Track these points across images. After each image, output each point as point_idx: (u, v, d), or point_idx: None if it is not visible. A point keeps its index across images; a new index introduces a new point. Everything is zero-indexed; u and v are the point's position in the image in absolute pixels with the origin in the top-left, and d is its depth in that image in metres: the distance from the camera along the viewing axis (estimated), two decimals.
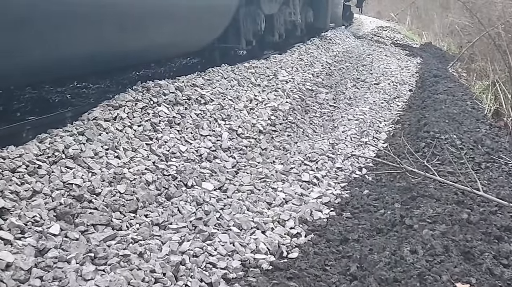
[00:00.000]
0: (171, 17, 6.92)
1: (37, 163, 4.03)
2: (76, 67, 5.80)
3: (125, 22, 5.85)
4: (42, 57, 4.93)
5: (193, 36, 8.04)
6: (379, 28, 25.19)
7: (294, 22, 12.65)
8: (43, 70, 5.26)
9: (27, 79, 5.49)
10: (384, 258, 3.61)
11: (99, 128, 4.96)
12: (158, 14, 6.51)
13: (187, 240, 3.89)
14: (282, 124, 7.37)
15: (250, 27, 9.99)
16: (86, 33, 5.32)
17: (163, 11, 6.64)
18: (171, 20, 6.98)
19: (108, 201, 4.08)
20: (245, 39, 9.87)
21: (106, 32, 5.64)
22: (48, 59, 5.07)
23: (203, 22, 8.05)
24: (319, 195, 5.24)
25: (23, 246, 3.20)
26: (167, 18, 6.77)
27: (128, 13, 5.87)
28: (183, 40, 7.82)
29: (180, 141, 5.52)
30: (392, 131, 8.03)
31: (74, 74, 6.70)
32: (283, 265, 3.82)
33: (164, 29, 6.84)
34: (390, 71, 13.52)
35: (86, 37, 5.34)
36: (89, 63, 5.85)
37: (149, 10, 6.29)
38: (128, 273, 3.29)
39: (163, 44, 7.16)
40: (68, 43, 5.14)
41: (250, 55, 10.49)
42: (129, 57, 6.66)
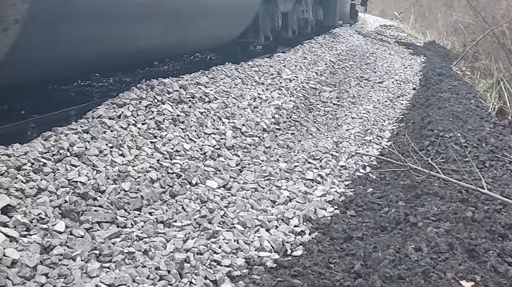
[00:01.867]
0: (209, 15, 8.03)
1: (42, 161, 4.04)
2: (142, 56, 7.27)
3: (177, 19, 7.05)
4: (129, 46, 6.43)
5: (224, 31, 9.04)
6: (383, 27, 25.16)
7: (306, 20, 13.46)
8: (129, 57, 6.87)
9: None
10: (388, 255, 3.61)
11: (104, 126, 4.97)
12: (200, 13, 7.68)
13: (191, 237, 3.90)
14: (286, 122, 7.37)
15: (269, 23, 10.84)
16: (151, 29, 6.53)
17: (204, 11, 7.80)
18: (208, 18, 8.06)
19: (112, 198, 4.09)
20: (264, 35, 10.67)
21: (165, 28, 6.86)
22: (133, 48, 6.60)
23: (232, 19, 9.02)
24: (323, 193, 5.25)
25: (29, 243, 3.21)
26: (205, 16, 7.92)
27: (179, 12, 7.05)
28: (215, 35, 8.87)
29: (184, 139, 5.53)
30: (396, 129, 8.03)
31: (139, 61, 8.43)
32: (287, 263, 3.83)
33: (202, 25, 7.94)
34: (394, 69, 13.52)
35: (150, 32, 6.51)
36: (151, 53, 7.42)
37: (194, 10, 7.52)
38: (133, 271, 3.30)
39: (201, 37, 8.35)
40: (138, 36, 6.37)
41: (266, 50, 11.37)
42: (177, 49, 8.29)
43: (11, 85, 5.68)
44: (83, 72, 7.69)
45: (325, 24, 15.73)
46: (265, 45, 11.21)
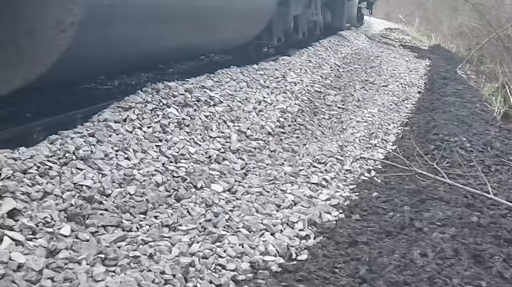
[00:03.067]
0: (231, 18, 8.65)
1: (48, 165, 4.05)
2: (175, 54, 8.24)
3: (205, 22, 7.64)
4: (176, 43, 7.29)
5: (243, 32, 9.61)
6: (388, 30, 25.18)
7: (315, 22, 14.05)
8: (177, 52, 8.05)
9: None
10: (393, 261, 3.61)
11: (109, 129, 4.98)
12: (224, 16, 8.30)
13: (196, 241, 3.90)
14: (291, 126, 7.37)
15: (281, 26, 11.36)
16: (184, 30, 7.21)
17: (228, 14, 8.43)
18: (231, 20, 8.70)
19: (118, 202, 4.10)
20: (276, 36, 11.24)
21: (195, 29, 7.48)
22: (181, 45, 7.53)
23: (250, 22, 9.57)
24: (328, 197, 5.24)
25: (35, 247, 3.22)
26: (228, 19, 8.55)
27: (207, 16, 7.62)
28: (236, 36, 9.45)
29: (189, 142, 5.53)
30: (401, 133, 8.02)
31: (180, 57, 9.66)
32: (292, 267, 3.83)
33: (227, 26, 8.61)
34: (399, 73, 13.51)
35: (182, 32, 7.21)
36: (183, 52, 8.24)
37: (221, 13, 8.13)
38: (138, 275, 3.30)
39: (224, 38, 8.96)
40: (173, 36, 7.03)
41: (277, 52, 11.82)
42: (204, 48, 9.25)
43: (68, 80, 6.84)
44: (127, 69, 8.50)
45: (333, 26, 16.21)
46: (276, 46, 11.70)
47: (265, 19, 10.12)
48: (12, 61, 4.79)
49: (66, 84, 6.69)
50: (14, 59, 4.78)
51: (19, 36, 4.76)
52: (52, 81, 5.79)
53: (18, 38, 4.76)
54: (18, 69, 4.83)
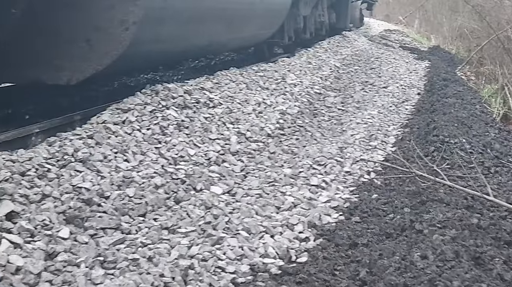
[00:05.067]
0: (253, 18, 9.55)
1: (46, 167, 4.04)
2: (206, 50, 9.19)
3: (232, 21, 8.60)
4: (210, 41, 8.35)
5: (262, 31, 10.49)
6: (387, 31, 25.17)
7: (322, 23, 14.84)
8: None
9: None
10: (394, 263, 3.59)
11: (108, 131, 4.97)
12: (247, 17, 9.24)
13: (196, 244, 3.89)
14: (291, 127, 7.36)
15: (292, 25, 12.25)
16: (214, 29, 8.12)
17: (250, 15, 9.34)
18: (252, 20, 9.59)
19: (117, 204, 4.09)
20: (288, 36, 12.08)
21: (223, 28, 8.45)
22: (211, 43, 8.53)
23: (268, 21, 10.48)
24: (327, 199, 5.21)
25: (33, 250, 3.21)
26: (250, 19, 9.46)
27: (233, 16, 8.60)
28: (256, 35, 10.37)
29: (188, 144, 5.52)
30: (400, 135, 7.99)
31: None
32: (292, 269, 3.81)
33: (249, 26, 9.53)
34: (399, 74, 13.49)
35: (213, 31, 8.13)
36: (212, 48, 9.22)
37: (245, 14, 9.09)
38: (137, 277, 3.29)
39: (246, 36, 9.93)
40: (205, 34, 7.96)
41: (286, 50, 12.57)
42: (230, 46, 10.15)
43: (130, 70, 8.61)
44: (171, 62, 10.17)
45: (337, 26, 16.91)
46: (287, 45, 12.39)
47: (281, 19, 11.06)
48: (84, 54, 5.69)
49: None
50: (86, 52, 5.69)
51: (90, 33, 5.67)
52: (115, 71, 7.20)
53: (89, 35, 5.67)
54: (88, 60, 5.72)
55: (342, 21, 17.19)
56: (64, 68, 5.76)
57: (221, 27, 8.33)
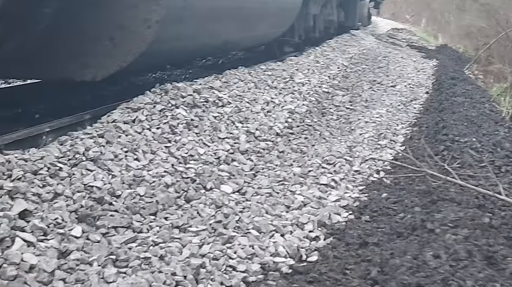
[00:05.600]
0: (266, 17, 9.87)
1: (58, 166, 4.05)
2: (222, 47, 9.46)
3: (246, 20, 8.96)
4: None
5: (275, 30, 10.77)
6: (394, 30, 25.12)
7: (331, 21, 15.05)
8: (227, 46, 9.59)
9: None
10: (406, 262, 3.58)
11: (118, 130, 4.98)
12: (261, 16, 9.56)
13: (207, 243, 3.89)
14: (299, 126, 7.36)
15: (302, 24, 12.50)
16: (230, 27, 8.51)
17: (264, 14, 9.67)
18: (266, 19, 9.90)
19: (128, 203, 4.09)
20: (298, 34, 12.34)
21: (238, 27, 8.81)
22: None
23: (280, 20, 10.80)
24: (337, 198, 5.21)
25: (46, 248, 3.22)
26: (264, 18, 9.77)
27: (248, 15, 8.94)
28: (269, 33, 10.64)
29: (198, 143, 5.53)
30: (409, 133, 7.98)
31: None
32: (302, 268, 3.81)
33: (262, 25, 9.82)
34: (407, 73, 13.47)
35: (229, 29, 8.50)
36: (228, 46, 9.56)
37: (259, 13, 9.42)
38: (150, 276, 3.29)
39: (260, 35, 10.24)
40: (223, 32, 8.34)
41: (297, 49, 12.67)
42: (244, 43, 10.49)
43: (151, 67, 9.23)
44: (190, 59, 10.70)
45: (346, 25, 17.08)
46: (296, 43, 12.57)
47: (292, 18, 11.32)
48: (108, 51, 5.91)
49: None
50: (109, 50, 5.91)
51: (114, 31, 5.89)
52: (137, 68, 7.53)
53: (113, 33, 5.89)
54: (112, 57, 5.94)
55: (351, 20, 17.35)
56: (89, 65, 5.97)
57: (236, 26, 8.67)
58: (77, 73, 6.01)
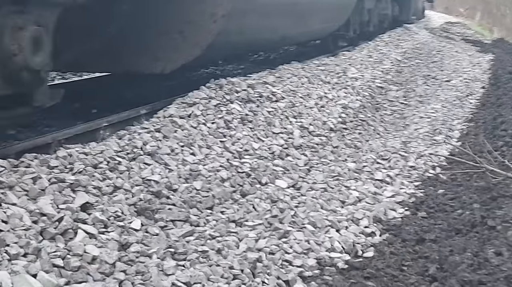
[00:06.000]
0: (322, 12, 10.09)
1: (117, 159, 4.12)
2: (280, 42, 10.07)
3: (303, 15, 9.13)
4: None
5: (330, 24, 10.97)
6: (448, 24, 24.66)
7: (385, 15, 15.02)
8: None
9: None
10: (466, 259, 3.52)
11: (175, 125, 5.03)
12: (317, 11, 9.73)
13: (263, 237, 3.90)
14: (353, 122, 7.31)
15: (357, 19, 12.60)
16: (288, 22, 8.74)
17: (320, 9, 9.85)
18: (322, 14, 10.11)
19: (185, 197, 4.14)
20: (353, 29, 12.47)
21: (295, 22, 9.01)
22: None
23: (336, 15, 10.99)
24: (392, 194, 5.18)
25: (107, 240, 3.28)
26: (320, 13, 9.96)
27: (304, 10, 9.06)
28: (325, 28, 10.83)
29: (252, 138, 5.55)
30: (466, 129, 7.83)
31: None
32: (359, 264, 3.79)
33: (318, 20, 9.98)
34: (462, 67, 13.22)
35: (287, 24, 8.75)
36: (285, 40, 10.11)
37: (315, 8, 9.58)
38: (208, 269, 3.32)
39: (316, 29, 10.40)
40: (281, 27, 8.59)
41: (350, 43, 12.64)
42: (301, 38, 10.91)
43: (217, 58, 9.96)
44: (251, 52, 11.47)
45: (400, 19, 16.88)
46: (351, 38, 12.61)
47: (348, 12, 11.47)
48: (177, 45, 6.21)
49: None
50: (178, 43, 6.21)
51: (182, 25, 6.18)
52: (203, 61, 8.24)
53: (182, 27, 6.19)
54: (181, 51, 6.25)
55: (405, 14, 17.23)
56: (159, 58, 6.24)
57: (294, 21, 8.88)
58: (146, 66, 6.29)
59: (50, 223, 3.16)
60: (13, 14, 3.61)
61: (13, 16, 3.61)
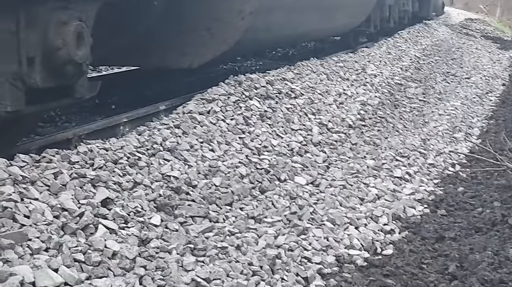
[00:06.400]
0: (346, 8, 10.20)
1: (137, 155, 4.14)
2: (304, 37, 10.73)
3: (327, 11, 9.29)
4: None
5: (353, 20, 11.03)
6: (468, 20, 24.44)
7: (405, 11, 15.01)
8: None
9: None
10: (486, 258, 3.50)
11: (194, 121, 5.04)
12: (341, 7, 9.88)
13: (282, 234, 3.90)
14: (372, 119, 7.29)
15: (378, 14, 12.71)
16: (312, 18, 8.82)
17: (344, 5, 10.04)
18: (345, 10, 10.23)
19: (204, 193, 4.15)
20: (374, 24, 12.58)
21: (320, 17, 9.12)
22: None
23: (359, 10, 11.08)
24: (412, 192, 5.16)
25: (127, 236, 3.29)
26: (343, 9, 10.10)
27: (329, 6, 9.26)
28: (347, 24, 10.90)
29: (271, 135, 5.55)
30: (486, 126, 7.77)
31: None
32: (378, 262, 3.78)
33: (341, 16, 10.08)
34: (481, 64, 13.12)
35: (311, 20, 8.82)
36: (309, 36, 10.83)
37: (340, 4, 9.81)
38: (227, 265, 3.33)
39: (339, 25, 10.50)
40: (305, 23, 8.68)
41: (370, 39, 12.77)
42: (325, 33, 11.23)
43: (244, 54, 10.28)
44: (278, 47, 11.80)
45: (420, 15, 16.79)
46: (371, 33, 12.77)
47: (370, 8, 11.61)
48: (204, 41, 6.36)
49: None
50: (206, 39, 6.35)
51: (210, 22, 6.30)
52: (230, 56, 8.55)
53: (209, 24, 6.31)
54: (208, 47, 6.38)
55: (425, 10, 17.14)
56: (187, 54, 6.39)
57: (318, 17, 9.02)
58: (175, 61, 6.43)
59: (71, 218, 3.18)
60: (58, 10, 3.76)
61: (58, 12, 3.75)
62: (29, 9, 3.55)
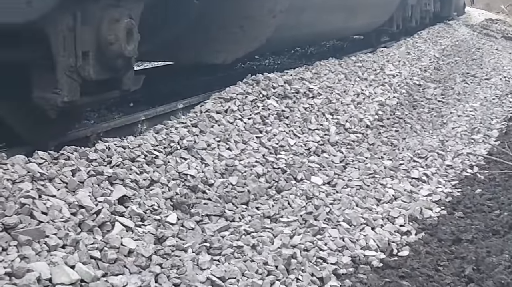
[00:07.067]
0: (369, 8, 10.44)
1: (154, 153, 4.17)
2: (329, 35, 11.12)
3: (352, 11, 9.58)
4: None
5: (376, 19, 11.32)
6: (488, 21, 24.19)
7: (427, 11, 15.25)
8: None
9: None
10: (503, 261, 3.47)
11: (211, 120, 5.06)
12: (365, 6, 10.10)
13: (298, 233, 3.89)
14: (390, 119, 7.25)
15: (400, 14, 12.94)
16: (338, 17, 9.17)
17: (367, 4, 10.23)
18: (369, 10, 10.47)
19: (221, 192, 4.16)
20: (396, 24, 12.83)
21: (345, 17, 9.43)
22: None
23: (382, 10, 11.35)
24: (429, 193, 5.12)
25: (143, 234, 3.31)
26: (367, 9, 10.34)
27: (354, 6, 9.57)
28: (371, 23, 11.16)
29: (288, 134, 5.55)
30: (505, 128, 7.70)
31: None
32: (393, 263, 3.76)
33: (365, 15, 10.36)
34: (502, 65, 12.98)
35: (337, 19, 9.18)
36: (334, 34, 11.17)
37: (364, 4, 10.04)
38: (242, 265, 3.33)
39: (362, 24, 10.74)
40: (331, 22, 8.99)
41: (393, 38, 13.18)
42: (349, 32, 11.54)
43: (274, 51, 10.77)
44: (305, 44, 12.14)
45: (441, 15, 17.01)
46: (394, 33, 13.07)
47: (393, 8, 11.89)
48: (237, 38, 6.61)
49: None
50: (239, 37, 6.61)
51: (242, 20, 6.57)
52: (261, 53, 9.15)
53: (242, 22, 6.58)
54: (240, 44, 6.68)
55: (447, 10, 17.38)
56: (220, 50, 6.67)
57: (346, 16, 9.38)
58: (209, 58, 6.75)
59: (88, 216, 3.21)
60: (110, 8, 4.04)
61: (110, 9, 4.03)
62: (85, 7, 3.85)
